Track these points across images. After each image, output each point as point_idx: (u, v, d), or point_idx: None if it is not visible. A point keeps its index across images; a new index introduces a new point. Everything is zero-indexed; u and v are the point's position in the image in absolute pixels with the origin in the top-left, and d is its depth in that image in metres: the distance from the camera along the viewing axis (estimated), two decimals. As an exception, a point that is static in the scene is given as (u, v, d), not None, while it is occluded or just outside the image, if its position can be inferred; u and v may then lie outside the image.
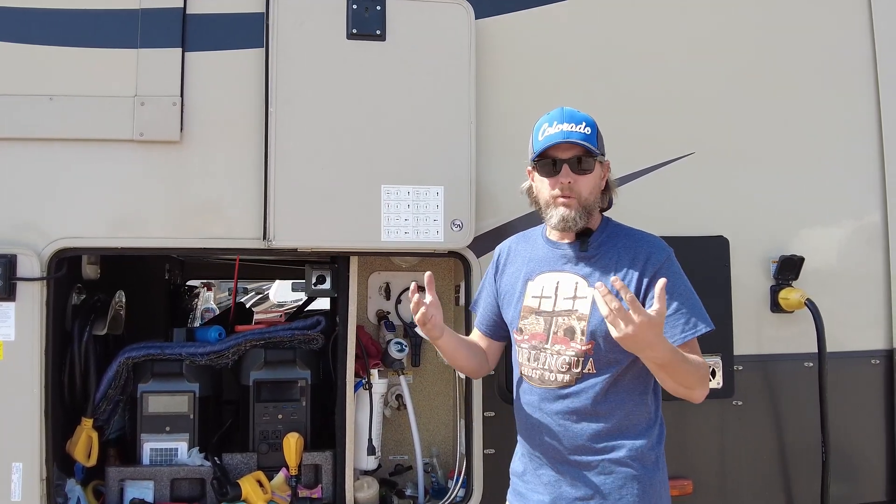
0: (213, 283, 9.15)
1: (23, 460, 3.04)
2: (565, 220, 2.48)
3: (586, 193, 2.49)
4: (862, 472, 3.70)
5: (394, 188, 3.24)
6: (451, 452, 3.67)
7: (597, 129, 2.53)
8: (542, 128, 2.52)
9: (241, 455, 3.40)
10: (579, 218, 2.48)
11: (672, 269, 2.47)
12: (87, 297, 3.54)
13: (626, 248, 2.51)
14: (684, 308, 2.42)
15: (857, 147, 3.78)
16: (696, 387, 2.39)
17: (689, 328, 2.41)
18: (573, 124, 2.47)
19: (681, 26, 3.66)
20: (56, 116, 3.13)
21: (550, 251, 2.60)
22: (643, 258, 2.46)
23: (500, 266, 2.75)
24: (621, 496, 2.42)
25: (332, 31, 3.24)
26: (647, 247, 2.50)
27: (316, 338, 3.54)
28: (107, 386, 3.38)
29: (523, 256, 2.67)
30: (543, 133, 2.50)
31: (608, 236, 2.56)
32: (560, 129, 2.46)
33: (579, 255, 2.53)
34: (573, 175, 2.47)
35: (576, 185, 2.48)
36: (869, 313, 3.74)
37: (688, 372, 2.33)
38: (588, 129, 2.48)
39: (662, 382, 2.39)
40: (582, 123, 2.48)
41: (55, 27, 3.16)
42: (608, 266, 2.48)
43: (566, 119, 2.48)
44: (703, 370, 2.39)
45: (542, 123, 2.52)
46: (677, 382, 2.35)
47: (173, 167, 3.20)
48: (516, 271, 2.66)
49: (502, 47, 3.45)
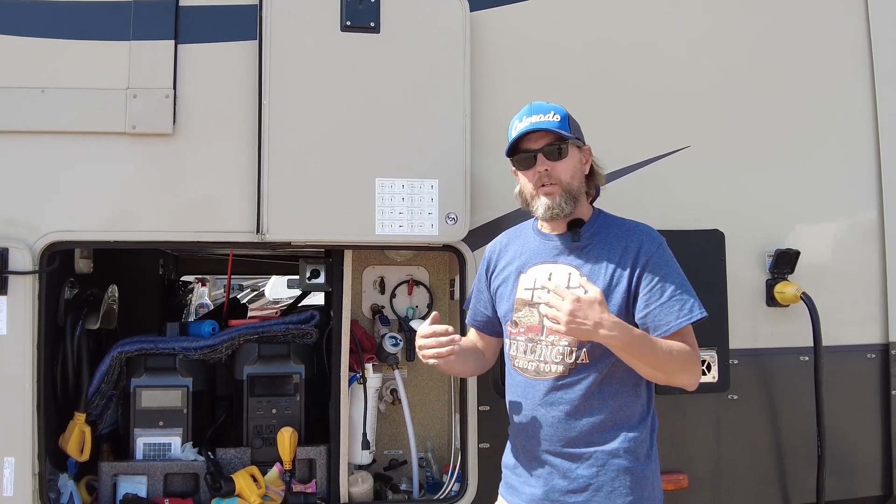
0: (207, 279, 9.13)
1: (15, 455, 3.02)
2: (550, 208, 2.49)
3: (567, 178, 2.51)
4: (857, 466, 3.70)
5: (388, 181, 3.23)
6: (445, 447, 3.66)
7: (568, 116, 2.55)
8: (513, 125, 2.57)
9: (235, 450, 3.39)
10: (564, 203, 2.49)
11: (664, 257, 2.48)
12: (80, 292, 3.52)
13: (618, 238, 2.51)
14: (677, 295, 2.42)
15: (853, 141, 3.77)
16: (675, 372, 2.41)
17: (684, 314, 2.41)
18: (541, 115, 2.51)
19: (677, 20, 3.64)
20: (48, 109, 3.11)
21: (542, 243, 2.60)
22: (635, 247, 2.47)
23: (493, 263, 2.74)
24: (614, 488, 2.43)
25: (326, 24, 3.23)
26: (638, 236, 2.51)
27: (310, 332, 3.52)
28: (100, 380, 3.36)
29: (514, 250, 2.67)
30: (514, 129, 2.55)
31: (600, 226, 2.57)
32: (528, 121, 2.51)
33: (571, 246, 2.54)
34: (549, 162, 2.50)
35: (553, 171, 2.50)
36: (864, 307, 3.74)
37: (661, 356, 2.35)
38: (557, 117, 2.52)
39: (637, 369, 2.40)
40: (550, 113, 2.52)
41: (47, 19, 3.14)
42: (601, 256, 2.49)
43: (534, 112, 2.53)
44: (685, 356, 2.39)
45: (514, 121, 2.58)
46: (652, 367, 2.37)
47: (166, 160, 3.18)
48: (508, 265, 2.66)
49: (497, 40, 3.43)
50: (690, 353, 2.41)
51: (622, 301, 2.44)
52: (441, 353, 2.44)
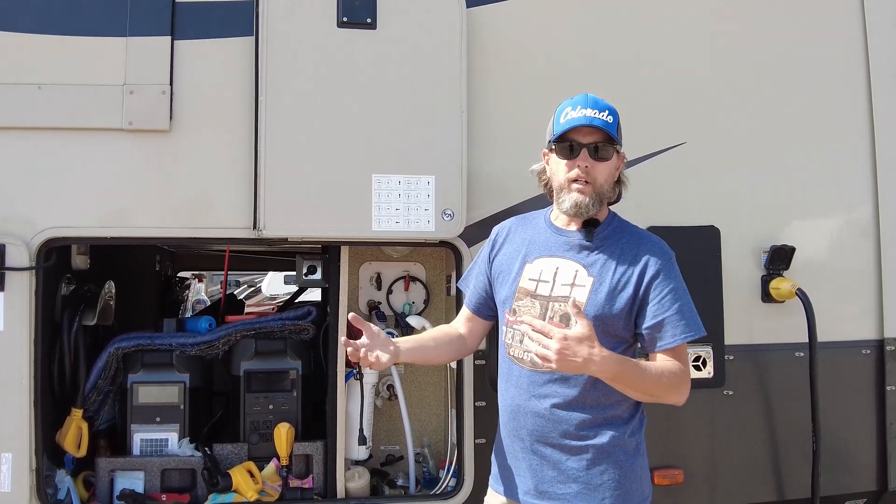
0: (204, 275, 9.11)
1: (12, 451, 3.03)
2: (578, 206, 2.47)
3: (602, 181, 2.49)
4: (852, 462, 3.71)
5: (385, 178, 3.23)
6: (442, 442, 3.67)
7: (618, 120, 2.52)
8: (564, 111, 2.51)
9: (232, 445, 3.40)
10: (592, 205, 2.48)
11: (673, 271, 2.48)
12: (77, 288, 3.52)
13: (629, 245, 2.50)
14: (682, 311, 2.43)
15: (849, 137, 3.78)
16: (663, 396, 2.45)
17: (678, 335, 2.41)
18: (596, 111, 2.46)
19: (673, 17, 3.64)
20: (44, 105, 3.12)
21: (553, 236, 2.58)
22: (644, 258, 2.46)
23: (498, 245, 2.71)
24: (603, 481, 2.44)
25: (323, 20, 3.22)
26: (649, 247, 2.50)
27: (307, 328, 3.53)
28: (97, 376, 3.37)
29: (522, 238, 2.65)
30: (566, 116, 2.49)
31: (614, 230, 2.56)
32: (583, 113, 2.46)
33: (583, 244, 2.52)
34: (591, 160, 2.47)
35: (593, 170, 2.47)
36: (860, 303, 3.75)
37: (649, 383, 2.37)
38: (610, 118, 2.48)
39: (624, 392, 2.41)
40: (605, 111, 2.48)
41: (43, 15, 3.14)
42: (610, 260, 2.48)
43: (590, 105, 2.48)
44: (674, 378, 2.41)
45: (566, 107, 2.51)
46: (639, 392, 2.41)
47: (162, 156, 3.18)
48: (514, 252, 2.64)
49: (493, 36, 3.43)
50: (679, 375, 2.42)
51: (625, 306, 2.43)
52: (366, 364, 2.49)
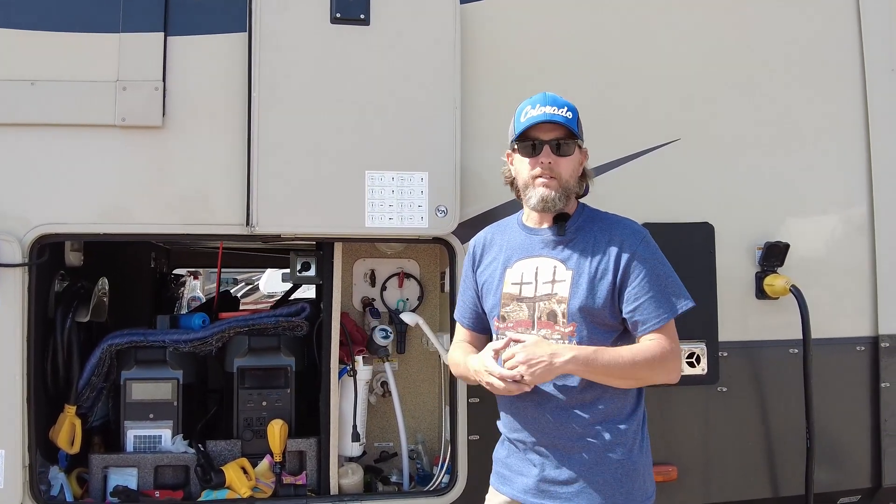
0: (199, 272, 9.11)
1: (5, 447, 3.02)
2: (545, 200, 2.50)
3: (566, 175, 2.52)
4: (846, 458, 3.71)
5: (378, 174, 3.22)
6: (436, 439, 3.67)
7: (578, 116, 2.56)
8: (524, 110, 2.55)
9: (226, 442, 3.40)
10: (559, 199, 2.50)
11: (648, 250, 2.49)
12: (70, 284, 3.52)
13: (602, 231, 2.53)
14: (662, 289, 2.44)
15: (844, 134, 3.77)
16: (649, 377, 2.45)
17: (661, 315, 2.43)
18: (555, 107, 2.50)
19: (667, 13, 3.64)
20: (37, 101, 3.11)
21: (527, 237, 2.60)
22: (619, 241, 2.49)
23: (477, 258, 2.73)
24: (605, 480, 2.43)
25: (316, 16, 3.22)
26: (621, 230, 2.52)
27: (300, 325, 3.53)
28: (90, 373, 3.37)
29: (499, 245, 2.67)
30: (526, 115, 2.53)
31: (585, 220, 2.58)
32: (542, 111, 2.50)
33: (557, 239, 2.55)
34: (553, 156, 2.50)
35: (556, 166, 2.50)
36: (854, 300, 3.74)
37: (624, 367, 2.37)
38: (570, 114, 2.52)
39: (610, 384, 2.42)
40: (564, 108, 2.51)
41: (36, 11, 3.13)
42: (585, 250, 2.50)
43: (549, 102, 2.52)
44: (654, 359, 2.40)
45: (525, 106, 2.56)
46: (623, 377, 2.41)
47: (155, 153, 3.18)
48: (493, 260, 2.66)
49: (487, 32, 3.42)
50: (659, 353, 2.41)
51: (607, 293, 2.44)
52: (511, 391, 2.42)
